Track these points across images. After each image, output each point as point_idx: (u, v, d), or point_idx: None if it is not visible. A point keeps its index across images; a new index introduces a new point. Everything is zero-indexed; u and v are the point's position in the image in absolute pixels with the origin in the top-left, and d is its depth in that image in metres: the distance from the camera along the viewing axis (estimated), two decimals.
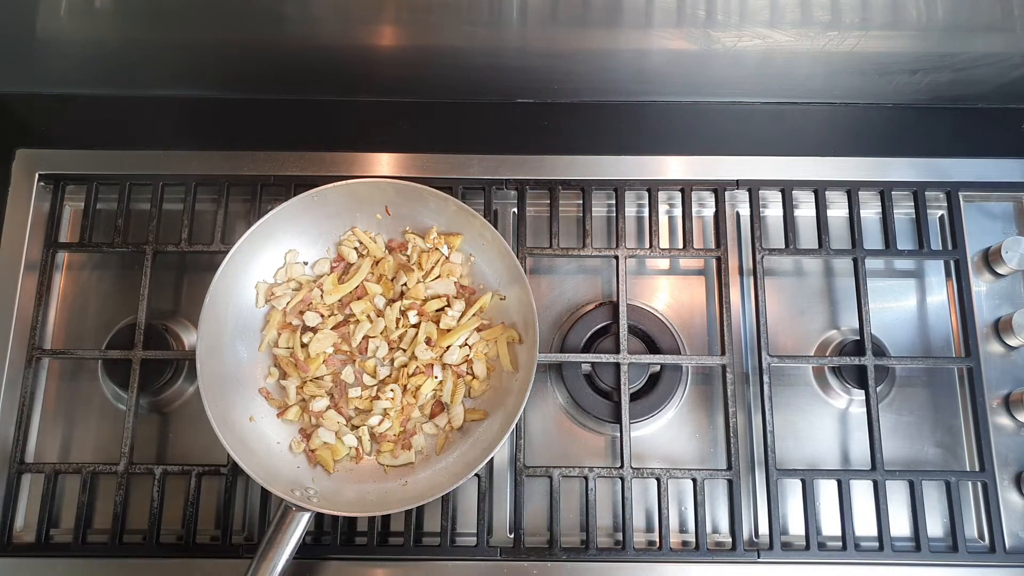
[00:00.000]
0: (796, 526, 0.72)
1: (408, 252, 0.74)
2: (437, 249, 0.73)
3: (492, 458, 0.68)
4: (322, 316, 0.72)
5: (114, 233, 0.77)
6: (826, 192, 0.78)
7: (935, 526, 0.72)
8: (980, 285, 0.79)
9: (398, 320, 0.72)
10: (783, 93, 0.85)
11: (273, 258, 0.74)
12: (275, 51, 0.80)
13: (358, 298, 0.73)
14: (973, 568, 0.69)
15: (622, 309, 0.74)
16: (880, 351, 0.75)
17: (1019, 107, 0.84)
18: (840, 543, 0.69)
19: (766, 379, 0.73)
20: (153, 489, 0.70)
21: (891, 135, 0.84)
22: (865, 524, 0.70)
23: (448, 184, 0.76)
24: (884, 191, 0.78)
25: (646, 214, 0.79)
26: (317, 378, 0.71)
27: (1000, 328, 0.77)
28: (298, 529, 0.63)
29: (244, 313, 0.73)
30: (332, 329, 0.72)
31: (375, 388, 0.71)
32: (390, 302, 0.73)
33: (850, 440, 0.76)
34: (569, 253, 0.77)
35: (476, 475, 0.69)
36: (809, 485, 0.71)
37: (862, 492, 0.71)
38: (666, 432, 0.76)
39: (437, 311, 0.72)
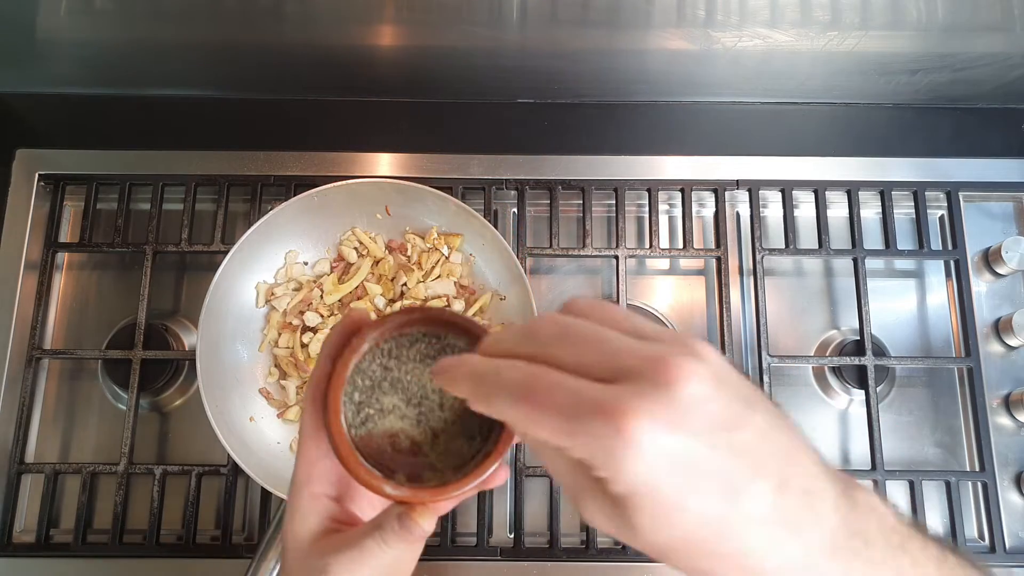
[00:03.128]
0: None
1: (408, 252, 0.74)
2: (437, 249, 0.73)
3: None
4: (322, 316, 0.72)
5: (114, 233, 0.77)
6: (826, 192, 0.78)
7: (935, 526, 0.72)
8: (980, 285, 0.79)
9: None
10: (783, 93, 0.85)
11: (273, 258, 0.74)
12: (275, 51, 0.80)
13: (358, 298, 0.73)
14: None
15: None
16: (880, 351, 0.75)
17: (1019, 107, 0.84)
18: None
19: (766, 379, 0.72)
20: (153, 489, 0.70)
21: (891, 135, 0.84)
22: None
23: (448, 184, 0.76)
24: (884, 191, 0.78)
25: (646, 214, 0.79)
26: None
27: (1000, 328, 0.77)
28: None
29: (244, 313, 0.73)
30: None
31: None
32: (390, 302, 0.73)
33: (850, 440, 0.76)
34: (569, 253, 0.77)
35: None
36: None
37: None
38: None
39: None
